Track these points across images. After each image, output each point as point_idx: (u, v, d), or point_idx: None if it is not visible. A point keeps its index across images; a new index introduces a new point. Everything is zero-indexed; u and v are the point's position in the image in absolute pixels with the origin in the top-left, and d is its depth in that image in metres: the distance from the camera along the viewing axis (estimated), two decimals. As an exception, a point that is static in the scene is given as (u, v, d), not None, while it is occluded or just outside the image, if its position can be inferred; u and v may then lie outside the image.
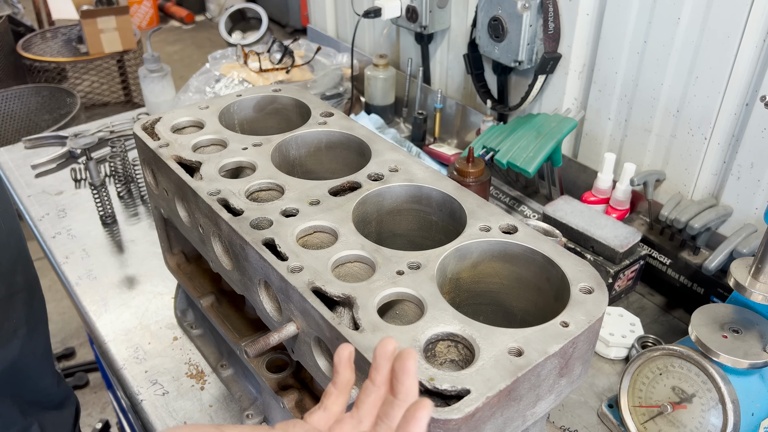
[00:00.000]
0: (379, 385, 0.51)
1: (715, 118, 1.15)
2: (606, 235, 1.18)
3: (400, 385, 0.49)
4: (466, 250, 0.74)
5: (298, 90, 1.08)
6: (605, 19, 1.27)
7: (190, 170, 0.88)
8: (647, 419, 0.93)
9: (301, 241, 0.76)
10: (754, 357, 0.82)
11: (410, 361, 0.49)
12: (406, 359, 0.49)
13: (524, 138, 1.37)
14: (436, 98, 1.69)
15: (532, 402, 0.63)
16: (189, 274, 1.07)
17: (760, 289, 0.83)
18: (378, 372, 0.50)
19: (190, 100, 1.73)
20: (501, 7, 1.37)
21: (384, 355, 0.50)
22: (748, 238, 1.09)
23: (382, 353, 0.50)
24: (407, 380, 0.49)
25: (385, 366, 0.50)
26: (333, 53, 1.93)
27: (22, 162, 1.68)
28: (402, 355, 0.49)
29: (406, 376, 0.49)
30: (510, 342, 0.61)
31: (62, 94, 3.26)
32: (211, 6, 6.05)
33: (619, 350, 1.10)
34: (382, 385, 0.51)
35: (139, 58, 3.66)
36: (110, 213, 1.44)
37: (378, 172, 0.86)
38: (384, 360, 0.50)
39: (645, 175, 1.23)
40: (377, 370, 0.50)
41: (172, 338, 1.15)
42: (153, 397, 1.03)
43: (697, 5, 1.11)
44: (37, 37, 3.71)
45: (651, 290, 1.26)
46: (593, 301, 0.66)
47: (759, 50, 1.06)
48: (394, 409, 0.49)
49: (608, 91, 1.32)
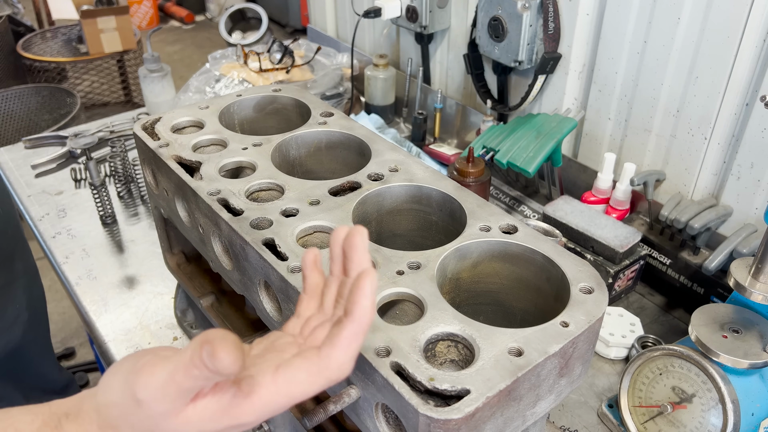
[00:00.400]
0: (337, 275, 0.50)
1: (715, 118, 1.15)
2: (606, 235, 1.18)
3: (350, 263, 0.48)
4: (466, 250, 0.74)
5: (298, 90, 1.08)
6: (605, 19, 1.27)
7: (190, 170, 0.88)
8: (647, 419, 0.93)
9: (301, 241, 0.76)
10: (754, 357, 0.82)
11: (357, 237, 0.47)
12: (352, 236, 0.48)
13: (524, 138, 1.37)
14: (436, 98, 1.69)
15: (532, 402, 0.63)
16: (189, 274, 1.07)
17: (760, 289, 0.83)
18: (334, 261, 0.49)
19: (190, 100, 1.73)
20: (501, 7, 1.37)
21: (337, 242, 0.49)
22: (748, 238, 1.09)
23: (335, 240, 0.49)
24: (355, 255, 0.48)
25: (340, 253, 0.49)
26: (333, 53, 1.93)
27: (22, 162, 1.68)
28: (349, 233, 0.48)
29: (353, 251, 0.48)
30: (510, 342, 0.61)
31: (62, 94, 3.26)
32: (211, 6, 6.05)
33: (619, 350, 1.10)
34: (340, 274, 0.50)
35: (139, 58, 3.66)
36: (110, 213, 1.44)
37: (378, 172, 0.86)
38: (337, 247, 0.49)
39: (645, 175, 1.23)
40: (333, 259, 0.49)
41: (172, 338, 1.15)
42: (153, 397, 1.03)
43: (697, 5, 1.11)
44: (37, 37, 3.70)
45: (651, 290, 1.26)
46: (593, 301, 0.66)
47: (759, 50, 1.06)
48: (346, 287, 0.48)
49: (608, 91, 1.32)
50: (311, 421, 0.62)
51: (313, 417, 0.62)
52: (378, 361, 0.58)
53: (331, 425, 0.80)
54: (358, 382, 0.62)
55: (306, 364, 0.45)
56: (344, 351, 0.46)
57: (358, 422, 0.66)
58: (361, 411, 0.64)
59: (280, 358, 0.46)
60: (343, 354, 0.46)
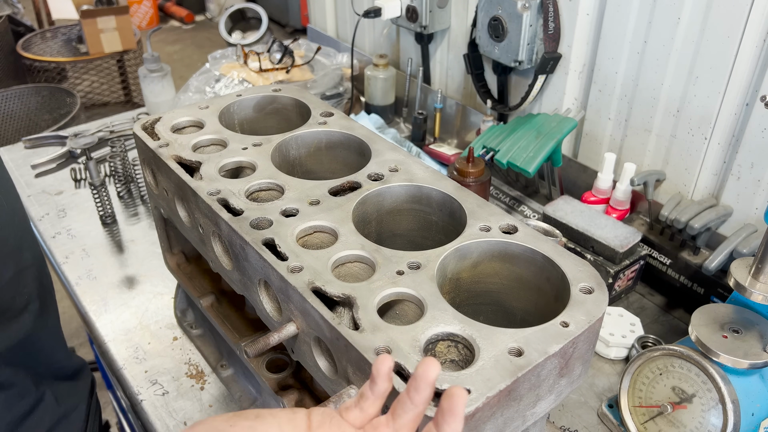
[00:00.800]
0: (417, 405, 0.50)
1: (715, 118, 1.15)
2: (606, 235, 1.18)
3: (445, 425, 0.48)
4: (466, 250, 0.74)
5: (298, 90, 1.08)
6: (605, 19, 1.27)
7: (190, 170, 0.88)
8: (647, 419, 0.93)
9: (301, 241, 0.76)
10: (754, 357, 0.82)
11: (460, 404, 0.47)
12: (455, 401, 0.47)
13: (524, 138, 1.37)
14: (436, 98, 1.69)
15: (532, 402, 0.63)
16: (189, 274, 1.07)
17: (760, 289, 0.83)
18: (418, 393, 0.49)
19: (190, 100, 1.73)
20: (501, 7, 1.37)
21: (426, 380, 0.49)
22: (748, 238, 1.09)
23: (425, 377, 0.49)
24: (453, 423, 0.48)
25: (425, 390, 0.49)
26: (333, 53, 1.93)
27: (22, 162, 1.68)
28: (452, 394, 0.47)
29: (453, 418, 0.47)
30: (510, 342, 0.61)
31: (62, 94, 3.26)
32: (211, 6, 6.05)
33: (619, 350, 1.10)
34: (420, 405, 0.50)
35: (139, 58, 3.67)
36: (110, 213, 1.44)
37: (378, 172, 0.86)
38: (425, 385, 0.49)
39: (645, 175, 1.23)
40: (417, 391, 0.49)
41: (172, 338, 1.15)
42: (153, 397, 1.03)
43: (697, 5, 1.11)
44: (37, 37, 3.71)
45: (651, 290, 1.26)
46: (593, 301, 0.66)
47: (759, 50, 1.06)
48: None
49: (608, 91, 1.32)
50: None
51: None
52: (378, 361, 0.58)
53: (331, 425, 0.80)
54: (358, 382, 0.62)
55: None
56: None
57: (358, 422, 0.66)
58: (361, 411, 0.64)
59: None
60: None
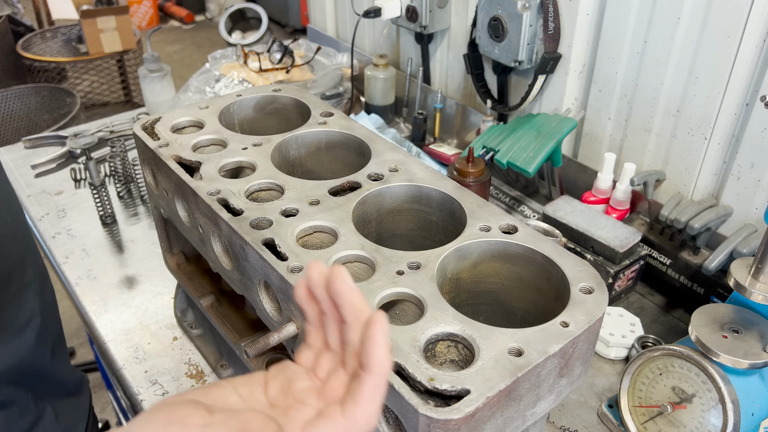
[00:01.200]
0: (330, 314, 0.49)
1: (715, 118, 1.15)
2: (606, 235, 1.18)
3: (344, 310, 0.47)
4: (466, 250, 0.74)
5: (298, 90, 1.08)
6: (605, 19, 1.27)
7: (190, 170, 0.88)
8: (647, 419, 0.93)
9: (301, 241, 0.76)
10: (754, 357, 0.82)
11: (339, 284, 0.47)
12: (333, 282, 0.47)
13: (524, 138, 1.37)
14: (436, 98, 1.69)
15: (532, 402, 0.63)
16: (189, 274, 1.07)
17: (760, 289, 0.83)
18: (322, 302, 0.49)
19: (190, 100, 1.73)
20: (501, 7, 1.37)
21: (317, 284, 0.48)
22: (748, 238, 1.09)
23: (314, 282, 0.48)
24: (346, 303, 0.47)
25: (322, 293, 0.49)
26: (333, 53, 1.93)
27: (22, 162, 1.68)
28: (329, 280, 0.47)
29: (341, 298, 0.47)
30: (510, 342, 0.61)
31: (62, 94, 3.26)
32: (211, 6, 6.05)
33: (619, 350, 1.10)
34: (333, 313, 0.49)
35: (139, 58, 3.67)
36: (110, 213, 1.44)
37: (378, 172, 0.86)
38: (319, 290, 0.48)
39: (645, 175, 1.23)
40: (321, 301, 0.49)
41: (172, 338, 1.15)
42: (153, 397, 1.03)
43: (697, 5, 1.11)
44: (37, 37, 3.71)
45: (651, 290, 1.26)
46: (593, 301, 0.66)
47: (759, 50, 1.06)
48: (351, 331, 0.48)
49: (608, 91, 1.32)
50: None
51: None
52: (378, 361, 0.58)
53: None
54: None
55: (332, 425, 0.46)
56: (368, 406, 0.46)
57: (358, 422, 0.66)
58: (361, 411, 0.64)
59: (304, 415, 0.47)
60: (367, 409, 0.46)
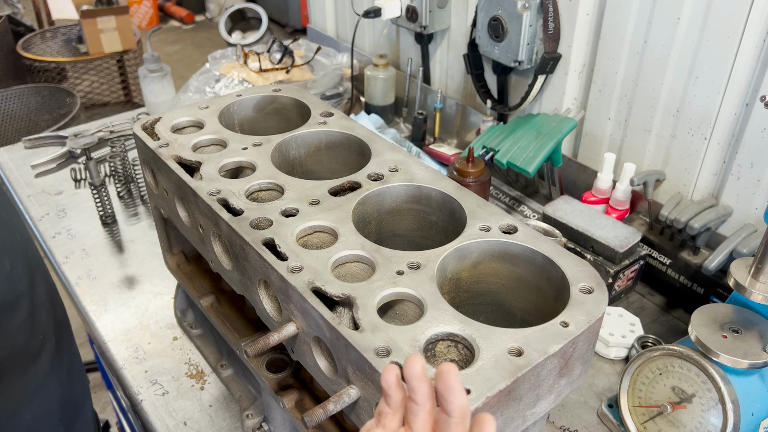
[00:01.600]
0: (422, 404, 0.50)
1: (715, 118, 1.15)
2: (606, 235, 1.18)
3: (449, 405, 0.48)
4: (466, 250, 0.74)
5: (298, 90, 1.08)
6: (605, 19, 1.27)
7: (190, 170, 0.88)
8: (647, 419, 0.93)
9: (301, 241, 0.76)
10: (754, 357, 0.82)
11: (452, 379, 0.47)
12: (447, 378, 0.47)
13: (524, 138, 1.37)
14: (436, 98, 1.69)
15: (532, 402, 0.63)
16: (189, 274, 1.07)
17: (760, 289, 0.83)
18: (417, 393, 0.50)
19: (190, 100, 1.73)
20: (501, 7, 1.37)
21: (415, 376, 0.49)
22: (748, 238, 1.09)
23: (413, 375, 0.49)
24: (455, 398, 0.48)
25: (420, 386, 0.49)
26: (333, 53, 1.93)
27: (22, 162, 1.68)
28: (442, 372, 0.48)
29: (452, 394, 0.48)
30: (510, 342, 0.61)
31: (62, 94, 3.26)
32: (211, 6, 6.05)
33: (619, 350, 1.10)
34: (426, 402, 0.50)
35: (139, 58, 3.67)
36: (110, 213, 1.44)
37: (378, 172, 0.86)
38: (417, 382, 0.49)
39: (645, 175, 1.23)
40: (415, 391, 0.50)
41: (172, 338, 1.15)
42: (153, 397, 1.03)
43: (697, 5, 1.11)
44: (37, 37, 3.71)
45: (651, 290, 1.26)
46: (593, 301, 0.66)
47: (759, 50, 1.06)
48: (451, 428, 0.49)
49: (608, 91, 1.32)
50: (311, 420, 0.62)
51: (313, 416, 0.62)
52: (378, 361, 0.58)
53: (331, 425, 0.80)
54: (358, 382, 0.62)
55: None
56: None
57: (358, 422, 0.66)
58: (361, 411, 0.64)
59: None
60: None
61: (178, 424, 0.99)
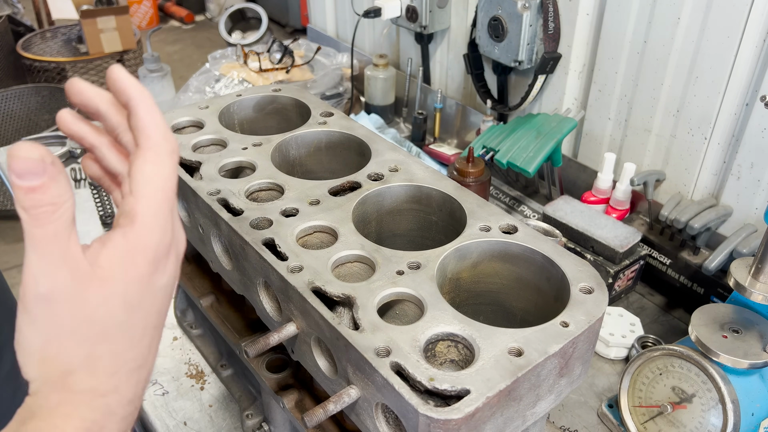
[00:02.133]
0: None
1: (715, 118, 1.15)
2: (606, 235, 1.18)
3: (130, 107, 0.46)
4: (466, 250, 0.74)
5: (298, 90, 1.08)
6: (605, 19, 1.27)
7: (189, 170, 0.88)
8: (647, 419, 0.93)
9: (301, 241, 0.76)
10: (754, 357, 0.82)
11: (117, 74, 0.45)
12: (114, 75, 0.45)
13: (524, 138, 1.37)
14: (436, 98, 1.69)
15: (532, 402, 0.63)
16: (189, 274, 1.07)
17: (760, 289, 0.83)
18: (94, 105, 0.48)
19: (190, 99, 1.73)
20: (501, 7, 1.37)
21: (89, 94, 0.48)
22: (748, 238, 1.09)
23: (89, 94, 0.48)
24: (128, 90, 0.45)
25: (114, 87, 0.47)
26: (333, 53, 1.93)
27: (22, 162, 1.68)
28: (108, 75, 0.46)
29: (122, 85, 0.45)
30: (510, 342, 0.61)
31: (62, 94, 3.26)
32: (211, 6, 6.05)
33: (619, 350, 1.10)
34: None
35: (139, 58, 3.66)
36: (110, 213, 1.44)
37: (378, 172, 0.86)
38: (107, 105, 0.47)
39: (645, 175, 1.23)
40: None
41: (172, 338, 1.15)
42: (153, 397, 1.03)
43: (697, 5, 1.11)
44: (37, 36, 3.71)
45: (651, 290, 1.26)
46: (593, 301, 0.66)
47: (759, 50, 1.06)
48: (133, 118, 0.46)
49: (608, 91, 1.32)
50: (311, 420, 0.62)
51: (313, 416, 0.62)
52: (378, 361, 0.58)
53: (331, 425, 0.80)
54: (358, 382, 0.62)
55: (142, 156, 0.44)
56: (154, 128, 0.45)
57: (358, 422, 0.66)
58: (361, 411, 0.64)
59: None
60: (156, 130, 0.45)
61: (178, 424, 0.99)
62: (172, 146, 0.46)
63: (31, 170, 0.39)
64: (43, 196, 0.39)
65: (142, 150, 0.44)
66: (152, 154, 0.44)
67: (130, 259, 0.43)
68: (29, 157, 0.38)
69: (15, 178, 0.39)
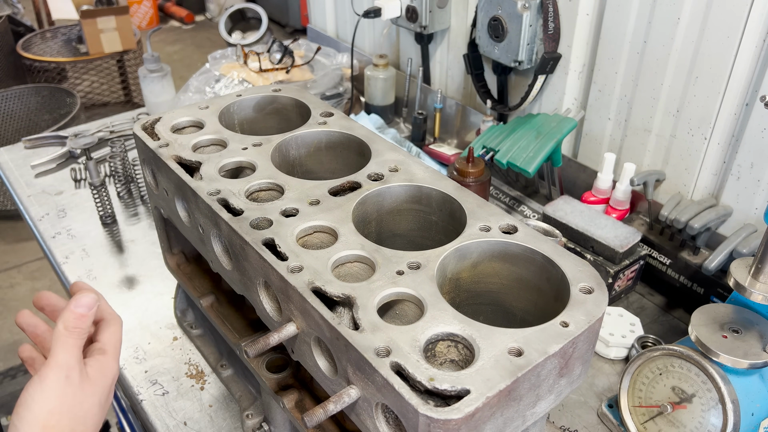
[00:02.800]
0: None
1: (715, 118, 1.15)
2: (606, 235, 1.18)
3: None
4: (466, 250, 0.74)
5: (298, 90, 1.08)
6: (605, 19, 1.27)
7: (190, 170, 0.88)
8: (647, 419, 0.93)
9: (301, 241, 0.76)
10: (754, 357, 0.82)
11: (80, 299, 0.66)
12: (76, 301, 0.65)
13: (524, 138, 1.37)
14: (436, 98, 1.69)
15: (532, 402, 0.63)
16: (189, 274, 1.07)
17: (760, 289, 0.83)
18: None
19: (190, 100, 1.73)
20: (501, 7, 1.37)
21: None
22: (748, 238, 1.09)
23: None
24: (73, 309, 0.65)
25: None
26: (333, 53, 1.93)
27: (22, 162, 1.68)
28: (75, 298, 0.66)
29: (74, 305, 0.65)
30: (510, 342, 0.61)
31: (62, 94, 3.27)
32: (211, 6, 6.05)
33: (619, 350, 1.10)
34: None
35: (139, 58, 3.67)
36: (110, 213, 1.44)
37: (378, 172, 0.86)
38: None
39: (645, 175, 1.23)
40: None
41: (172, 338, 1.15)
42: (153, 397, 1.03)
43: (697, 5, 1.11)
44: (37, 37, 3.71)
45: (651, 290, 1.26)
46: (593, 301, 0.66)
47: (759, 50, 1.06)
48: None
49: (608, 91, 1.32)
50: (311, 420, 0.62)
51: (313, 416, 0.62)
52: (378, 361, 0.58)
53: (331, 425, 0.80)
54: (358, 382, 0.62)
55: None
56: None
57: (358, 422, 0.66)
58: (361, 411, 0.64)
59: None
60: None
61: (178, 424, 0.99)
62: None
63: (86, 304, 0.65)
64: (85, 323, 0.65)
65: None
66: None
67: (103, 374, 0.66)
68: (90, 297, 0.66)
69: (73, 306, 0.64)
